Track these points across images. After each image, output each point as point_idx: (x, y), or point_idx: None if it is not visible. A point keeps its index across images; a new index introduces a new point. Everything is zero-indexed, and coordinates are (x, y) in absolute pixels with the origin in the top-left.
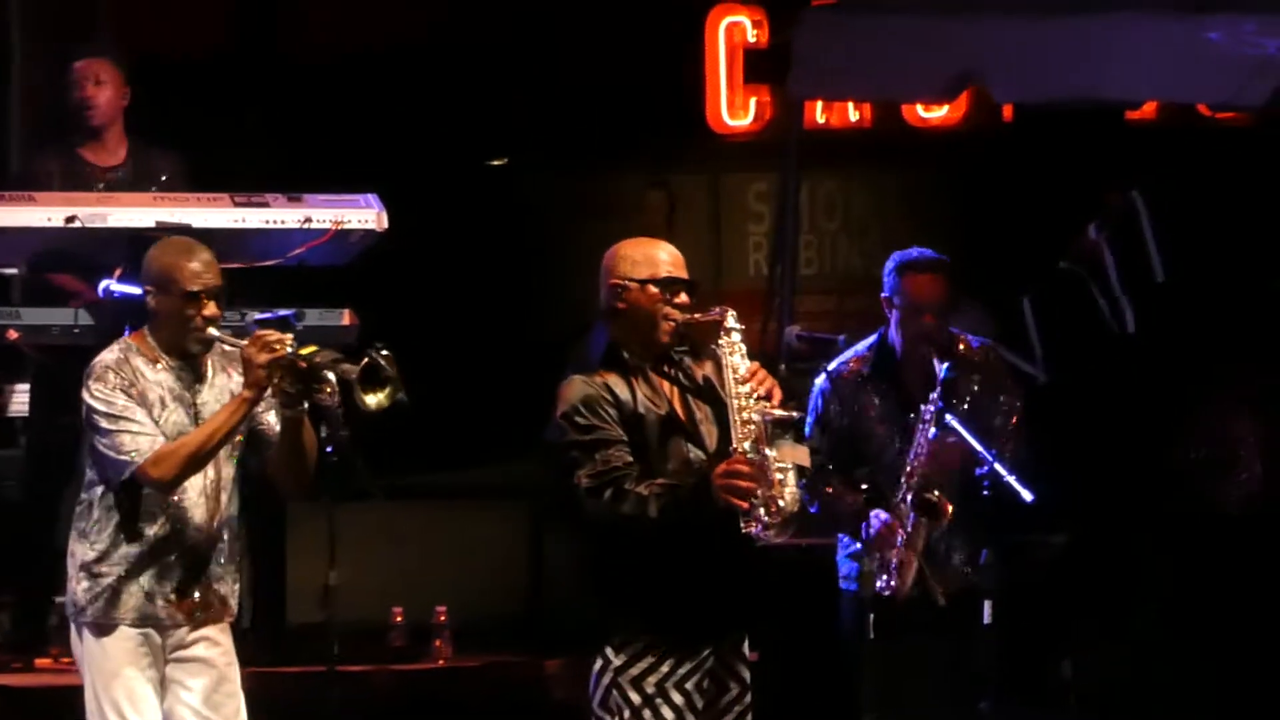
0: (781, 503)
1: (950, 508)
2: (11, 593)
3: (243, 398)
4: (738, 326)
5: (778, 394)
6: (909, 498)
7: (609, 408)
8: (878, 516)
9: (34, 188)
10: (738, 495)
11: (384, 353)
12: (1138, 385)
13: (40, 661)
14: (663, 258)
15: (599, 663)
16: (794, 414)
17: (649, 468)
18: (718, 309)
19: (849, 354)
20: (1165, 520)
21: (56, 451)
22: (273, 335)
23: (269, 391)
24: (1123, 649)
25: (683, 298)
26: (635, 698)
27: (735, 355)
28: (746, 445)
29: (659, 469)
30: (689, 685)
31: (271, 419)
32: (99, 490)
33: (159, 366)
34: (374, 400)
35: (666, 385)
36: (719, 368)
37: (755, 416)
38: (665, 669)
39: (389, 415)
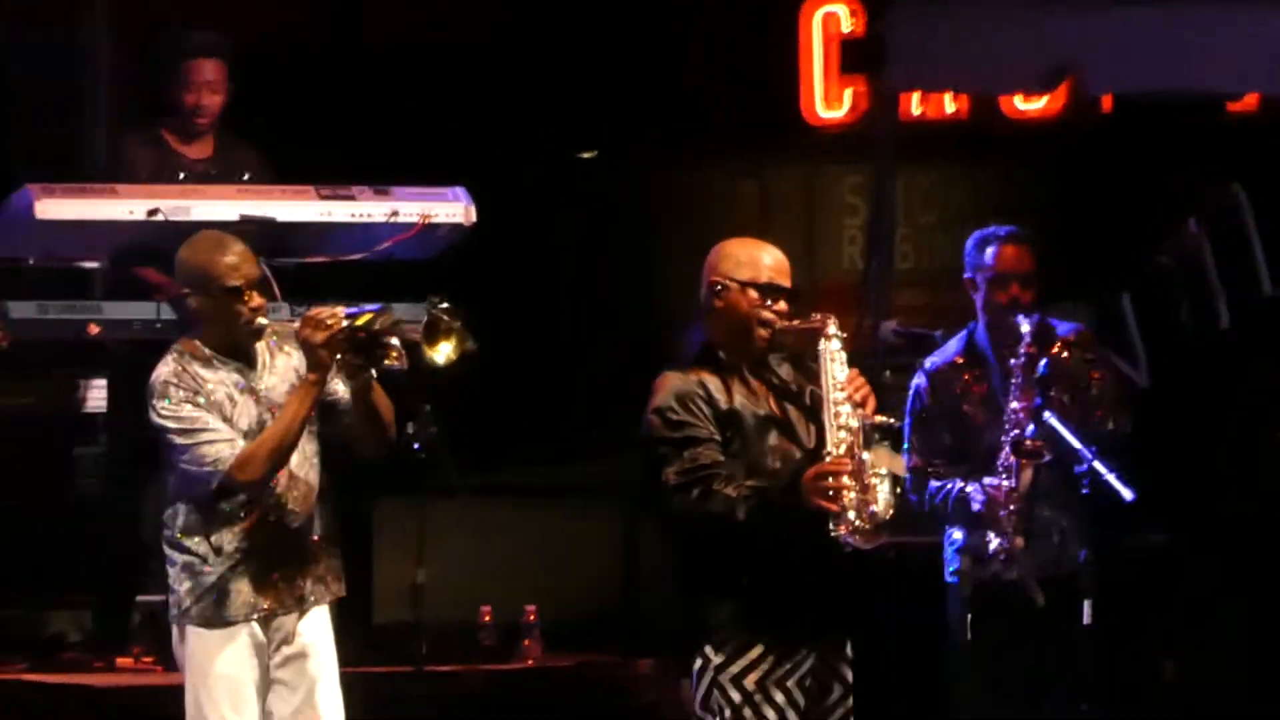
0: (874, 509)
1: (1046, 451)
2: (93, 592)
3: (309, 381)
4: (839, 334)
5: (873, 402)
6: (1008, 448)
7: (702, 404)
8: (978, 490)
9: (122, 175)
10: (828, 498)
11: (443, 305)
12: (1234, 382)
13: (122, 661)
14: (766, 262)
15: (699, 662)
16: (891, 420)
17: (749, 465)
18: (819, 316)
19: (941, 351)
20: (1260, 520)
21: (137, 449)
22: (324, 312)
23: (333, 371)
24: (1224, 650)
25: (781, 305)
26: (736, 696)
27: (834, 362)
28: (841, 450)
29: (760, 465)
30: (790, 684)
31: (339, 388)
32: (185, 499)
33: (216, 366)
34: (442, 355)
35: (762, 386)
36: (816, 377)
37: (853, 422)
38: (766, 666)
39: (477, 410)
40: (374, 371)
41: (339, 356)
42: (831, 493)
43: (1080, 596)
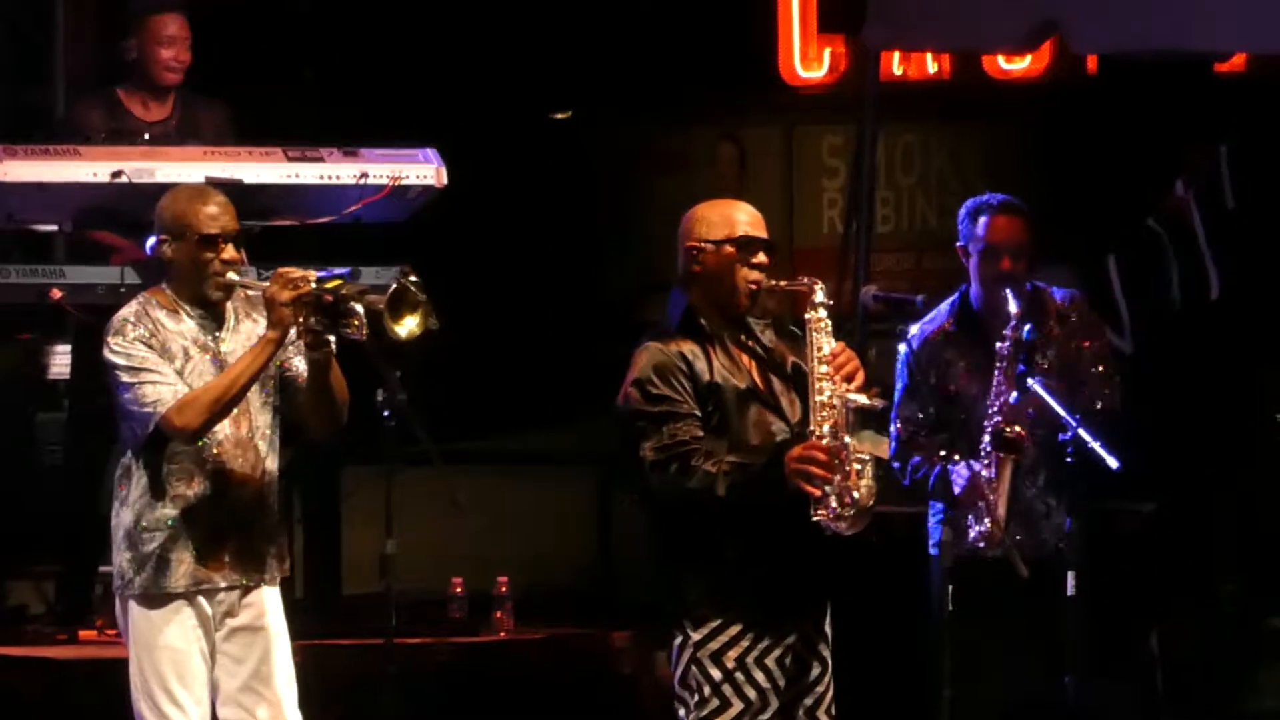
0: (855, 494)
1: (1027, 439)
2: (55, 563)
3: (267, 338)
4: (826, 302)
5: (860, 377)
6: (988, 437)
7: (683, 378)
8: (960, 473)
9: (78, 139)
10: (810, 481)
11: (412, 278)
12: (1225, 349)
13: (84, 633)
14: (740, 218)
15: (678, 638)
16: (878, 403)
17: (730, 440)
18: (805, 280)
19: (930, 317)
20: (1250, 488)
21: (100, 415)
22: (295, 272)
23: (294, 333)
24: (1211, 621)
25: (761, 258)
26: (715, 673)
27: (820, 334)
28: (825, 429)
29: (740, 440)
30: (770, 661)
31: (299, 364)
32: (133, 453)
33: (180, 317)
34: (404, 329)
35: (745, 356)
36: (800, 345)
37: (836, 401)
38: (745, 644)
39: (447, 377)
40: (333, 346)
41: (301, 320)
42: (813, 476)
43: (1064, 567)
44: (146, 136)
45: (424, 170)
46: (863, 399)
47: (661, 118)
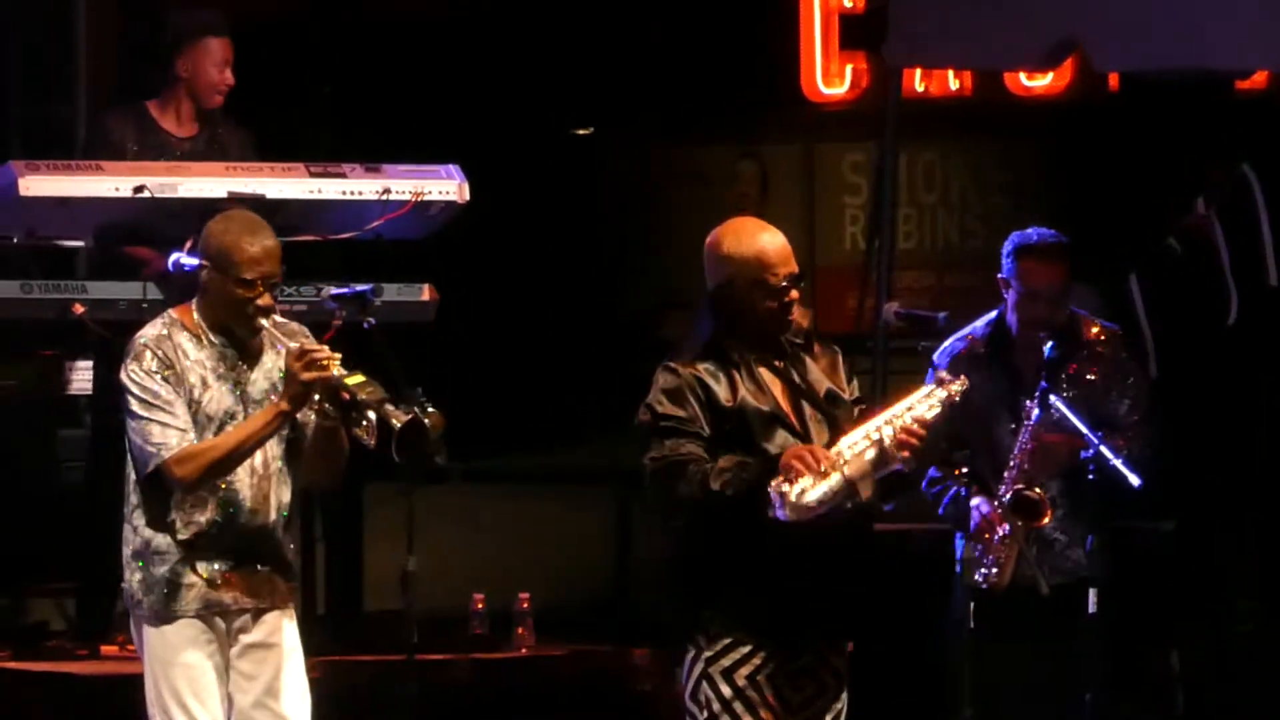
0: (810, 492)
1: (1049, 511)
2: (76, 579)
3: (279, 409)
4: (956, 393)
5: (911, 453)
6: (1008, 496)
7: (695, 402)
8: (978, 509)
9: (107, 150)
10: (787, 474)
11: (430, 410)
12: (1245, 369)
13: (106, 649)
14: (773, 257)
15: (690, 651)
16: (903, 469)
17: (751, 453)
18: (950, 379)
19: (965, 332)
20: (1271, 508)
21: (122, 431)
22: (321, 353)
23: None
24: (1231, 640)
25: (794, 294)
26: (726, 690)
27: (925, 406)
28: (843, 447)
29: (763, 455)
30: (782, 680)
31: (307, 412)
32: (137, 479)
33: (203, 343)
34: (403, 455)
35: (773, 380)
36: (833, 364)
37: (879, 438)
38: (757, 661)
39: (468, 393)
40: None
41: (314, 399)
42: (795, 470)
43: (1086, 585)
44: (179, 153)
45: (446, 186)
46: (892, 449)
47: (683, 135)
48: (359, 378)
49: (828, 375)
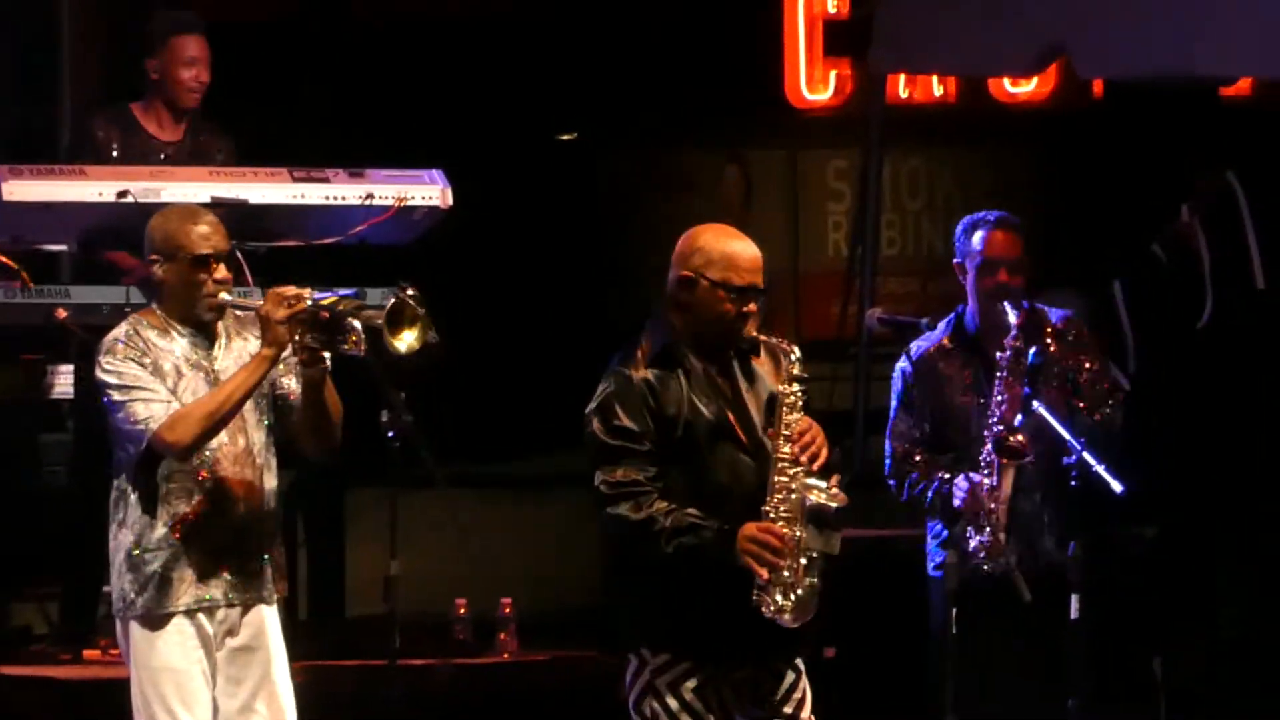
0: (798, 592)
1: (1028, 445)
2: (59, 583)
3: (262, 356)
4: (800, 375)
5: (824, 456)
6: (989, 446)
7: (645, 410)
8: (960, 485)
9: (92, 154)
10: (760, 563)
11: (410, 292)
12: (1227, 374)
13: (89, 653)
14: (742, 262)
15: (634, 662)
16: (833, 504)
17: (697, 474)
18: (785, 344)
19: (926, 336)
20: (1255, 515)
21: (104, 436)
22: (290, 290)
23: (290, 349)
24: (1214, 646)
25: (753, 307)
26: (673, 703)
27: (792, 409)
28: (783, 511)
29: (708, 476)
30: (730, 690)
31: (292, 383)
32: (128, 476)
33: (171, 336)
34: (404, 344)
35: (722, 382)
36: (776, 366)
37: (796, 486)
38: (705, 674)
39: (451, 398)
40: (329, 363)
41: (297, 337)
42: (764, 560)
43: (1068, 591)
44: (163, 156)
45: (430, 191)
46: (822, 497)
47: (666, 140)
48: (331, 298)
49: (772, 378)
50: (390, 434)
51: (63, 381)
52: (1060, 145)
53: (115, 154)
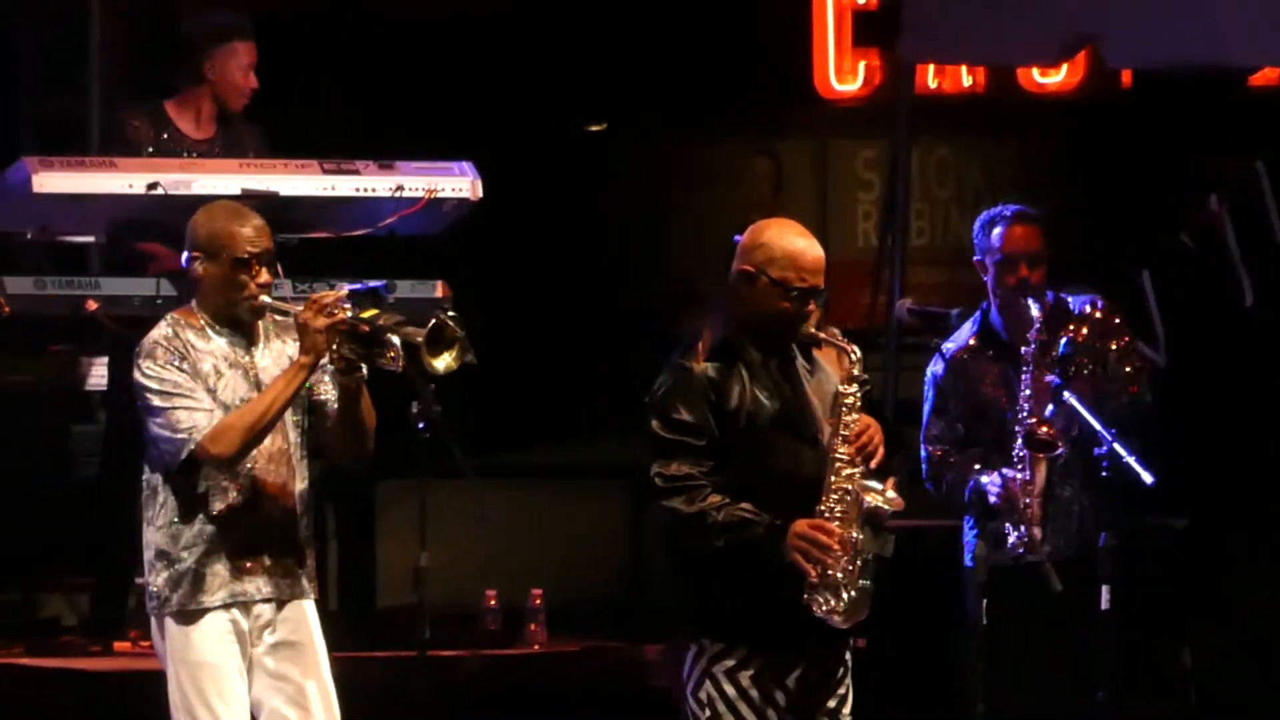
0: (851, 593)
1: (1059, 437)
2: (89, 574)
3: (300, 364)
4: (861, 376)
5: (880, 455)
6: (1020, 440)
7: (705, 404)
8: (994, 482)
9: (124, 149)
10: (810, 561)
11: (450, 313)
12: (1258, 364)
13: (119, 645)
14: (804, 263)
15: (693, 649)
16: (889, 506)
17: (757, 465)
18: (847, 344)
19: (954, 338)
20: None
21: (136, 427)
22: (329, 298)
23: (327, 357)
24: (1243, 637)
25: (812, 307)
26: (730, 690)
27: (851, 410)
28: (838, 511)
29: (768, 467)
30: (788, 680)
31: (329, 389)
32: (161, 474)
33: (209, 336)
34: (442, 363)
35: (783, 375)
36: (839, 363)
37: (852, 487)
38: (762, 663)
39: (482, 390)
40: (365, 373)
41: (335, 347)
42: (813, 557)
43: (1098, 581)
44: (194, 155)
45: (459, 183)
46: (879, 500)
47: (697, 131)
48: (372, 311)
49: (835, 369)
50: (420, 426)
51: (94, 373)
52: (1088, 135)
53: (149, 151)
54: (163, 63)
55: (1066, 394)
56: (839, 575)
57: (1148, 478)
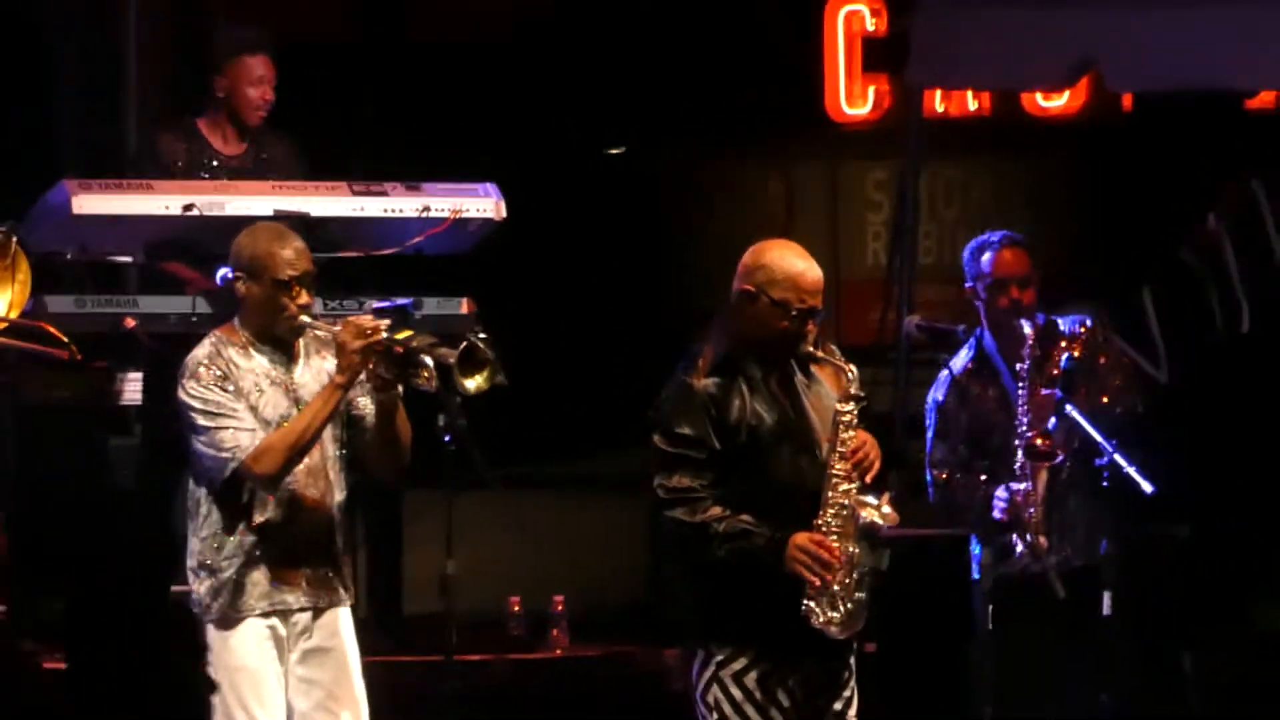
0: (846, 606)
1: (1054, 445)
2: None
3: (336, 384)
4: (858, 394)
5: (876, 469)
6: (1020, 453)
7: (707, 418)
8: (1000, 497)
9: (155, 168)
10: (810, 572)
11: (481, 335)
12: (1258, 378)
13: None
14: (804, 284)
15: (700, 655)
16: (884, 522)
17: (760, 477)
18: (844, 363)
19: (952, 363)
20: None
21: (171, 440)
22: (367, 321)
23: (362, 376)
24: (1245, 642)
25: (811, 327)
26: (737, 693)
27: (846, 431)
28: (834, 526)
29: (770, 478)
30: (793, 682)
31: (366, 404)
32: (205, 488)
33: (250, 354)
34: (473, 384)
35: (783, 389)
36: (837, 380)
37: (849, 502)
38: (767, 666)
39: (505, 403)
40: (400, 391)
41: (371, 367)
42: (814, 570)
43: (1101, 588)
44: (227, 171)
45: (484, 204)
46: (874, 515)
47: (712, 153)
48: (407, 332)
49: (832, 385)
50: (446, 438)
51: (131, 388)
52: (1091, 156)
53: (180, 166)
54: (197, 84)
55: (1069, 407)
56: (836, 589)
57: (1148, 487)
